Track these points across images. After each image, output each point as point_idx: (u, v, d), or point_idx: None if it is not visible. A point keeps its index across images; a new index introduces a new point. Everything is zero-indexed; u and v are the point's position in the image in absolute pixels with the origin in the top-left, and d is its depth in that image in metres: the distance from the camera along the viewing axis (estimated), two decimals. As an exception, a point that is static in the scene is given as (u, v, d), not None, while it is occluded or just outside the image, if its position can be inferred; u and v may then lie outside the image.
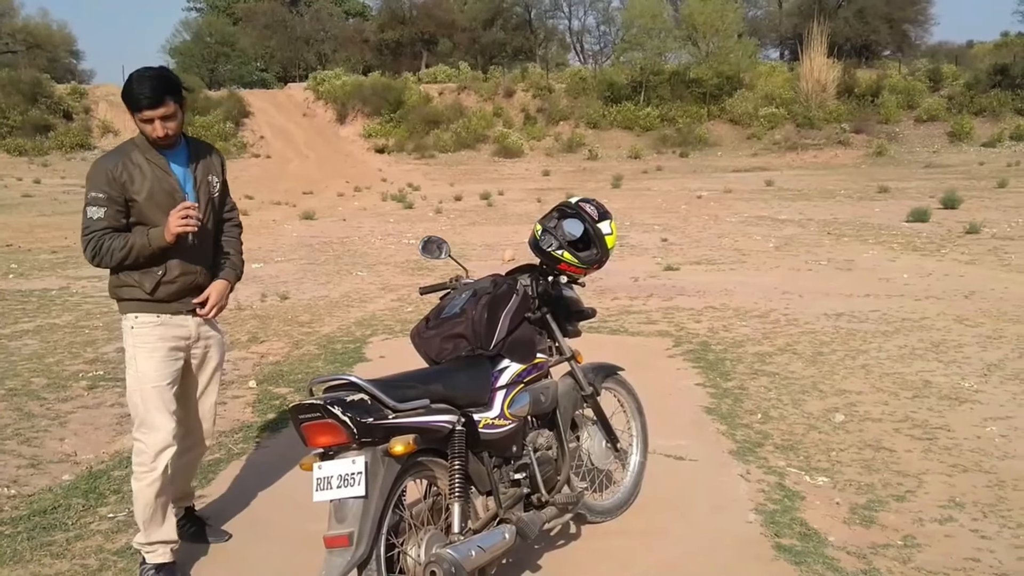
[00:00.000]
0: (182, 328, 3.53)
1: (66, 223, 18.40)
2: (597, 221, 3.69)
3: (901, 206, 17.70)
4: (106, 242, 3.34)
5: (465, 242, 14.22)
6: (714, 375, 6.40)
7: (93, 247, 3.35)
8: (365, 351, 7.32)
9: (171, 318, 3.49)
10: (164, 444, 3.42)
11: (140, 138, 3.44)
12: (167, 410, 3.45)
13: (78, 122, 40.87)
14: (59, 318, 8.77)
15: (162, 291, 3.45)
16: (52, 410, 5.73)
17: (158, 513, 3.45)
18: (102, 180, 3.35)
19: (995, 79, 41.09)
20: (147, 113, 3.30)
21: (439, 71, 50.17)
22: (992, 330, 7.56)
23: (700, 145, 39.99)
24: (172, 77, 3.40)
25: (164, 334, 3.47)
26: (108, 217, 3.35)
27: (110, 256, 3.35)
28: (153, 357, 3.44)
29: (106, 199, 3.34)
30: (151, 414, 3.43)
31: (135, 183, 3.36)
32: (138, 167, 3.38)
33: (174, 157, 3.47)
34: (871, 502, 4.17)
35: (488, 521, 3.19)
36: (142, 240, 3.35)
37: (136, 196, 3.36)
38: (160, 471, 3.41)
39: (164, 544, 3.48)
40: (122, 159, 3.38)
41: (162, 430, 3.42)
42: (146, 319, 3.46)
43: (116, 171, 3.35)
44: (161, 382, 3.44)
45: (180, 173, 3.48)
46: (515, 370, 3.41)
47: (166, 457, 3.42)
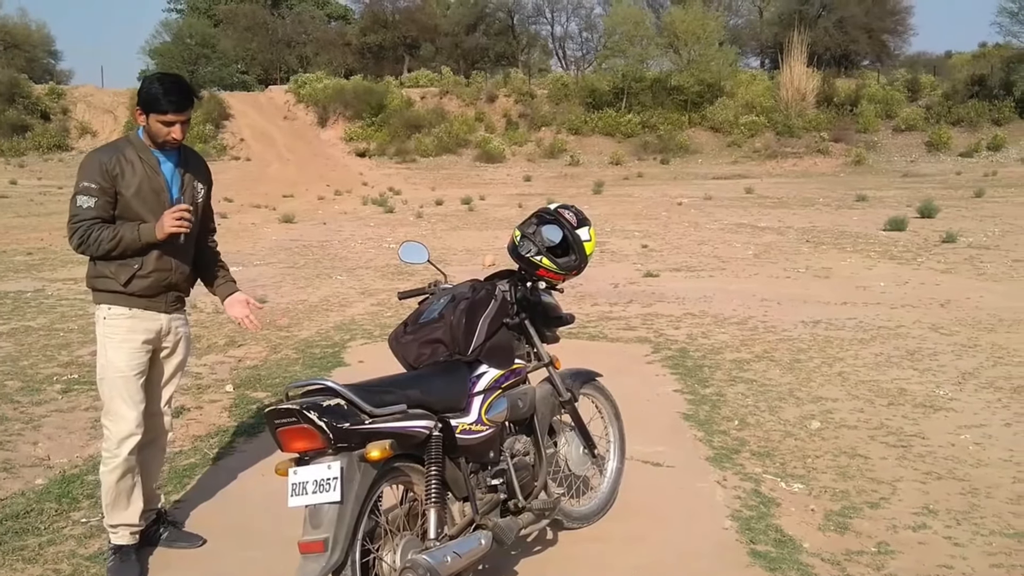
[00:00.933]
0: (153, 322, 3.61)
1: (42, 224, 18.25)
2: (576, 227, 3.70)
3: (879, 215, 17.85)
4: (95, 232, 3.42)
5: (446, 247, 14.22)
6: (692, 382, 6.43)
7: (81, 235, 3.42)
8: (344, 356, 7.30)
9: (143, 312, 3.57)
10: (128, 432, 3.53)
11: (135, 136, 3.56)
12: (132, 400, 3.55)
13: (56, 123, 40.58)
14: (34, 320, 8.69)
15: (135, 284, 3.52)
16: (25, 413, 5.67)
17: (121, 498, 3.58)
18: (95, 171, 3.44)
19: (973, 89, 41.60)
20: (171, 116, 3.43)
21: (421, 75, 50.20)
22: (967, 339, 7.63)
23: (681, 152, 40.24)
24: (191, 84, 3.62)
25: (135, 327, 3.56)
26: (98, 207, 3.43)
27: (97, 245, 3.43)
28: (122, 348, 3.54)
29: (98, 190, 3.43)
30: (116, 403, 3.54)
31: (126, 178, 3.46)
32: (131, 163, 3.48)
33: (165, 159, 3.58)
34: (846, 509, 4.20)
35: (464, 527, 3.18)
36: (132, 234, 3.44)
37: (125, 191, 3.46)
38: (123, 458, 3.53)
39: (126, 527, 3.60)
40: (116, 154, 3.49)
41: (126, 419, 3.53)
42: (118, 311, 3.55)
43: (110, 164, 3.45)
44: (128, 372, 3.54)
45: (168, 175, 3.58)
46: (493, 376, 3.41)
47: (129, 445, 3.53)
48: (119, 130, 40.61)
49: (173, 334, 3.71)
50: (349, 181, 31.76)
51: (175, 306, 3.70)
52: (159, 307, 3.62)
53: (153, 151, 3.54)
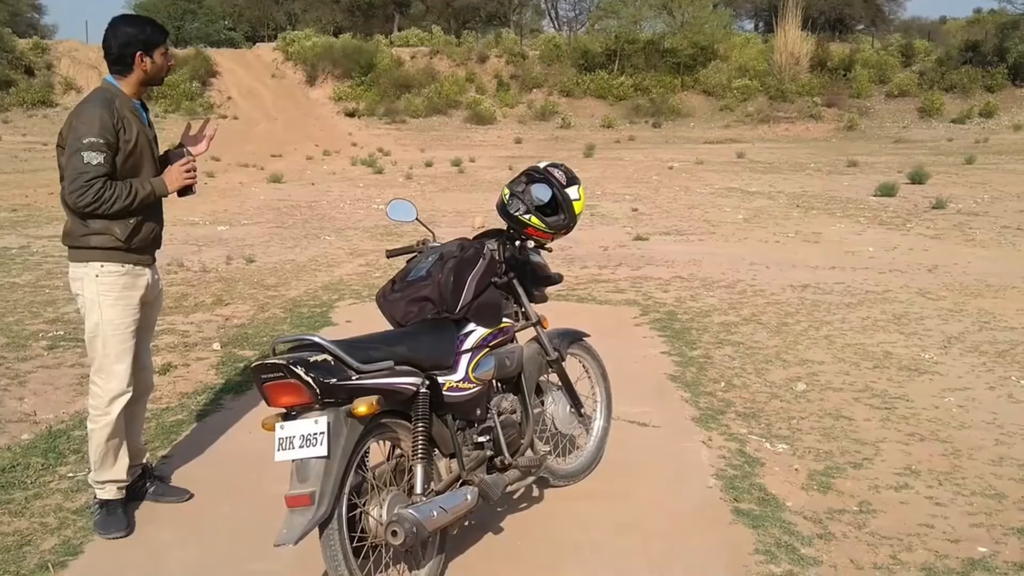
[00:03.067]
0: (143, 277, 3.58)
1: (27, 181, 18.08)
2: (565, 186, 3.68)
3: (869, 180, 17.86)
4: (108, 188, 3.31)
5: (435, 208, 14.16)
6: (680, 344, 6.45)
7: (96, 192, 3.28)
8: (332, 315, 7.29)
9: (134, 268, 3.52)
10: (119, 391, 3.51)
11: (115, 88, 3.47)
12: (127, 358, 3.53)
13: (40, 78, 40.02)
14: (19, 277, 8.64)
15: (135, 240, 3.47)
16: (11, 369, 5.66)
17: (109, 455, 3.57)
18: (100, 126, 3.31)
19: (966, 55, 41.45)
20: (167, 45, 3.51)
21: (411, 35, 49.66)
22: (953, 304, 7.67)
23: (673, 116, 40.04)
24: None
25: (128, 283, 3.51)
26: (107, 163, 3.32)
27: (112, 202, 3.32)
28: (118, 305, 3.49)
29: (105, 145, 3.30)
30: (109, 361, 3.50)
31: (127, 131, 3.39)
32: (126, 117, 3.40)
33: (141, 109, 3.55)
34: (829, 469, 4.23)
35: (451, 483, 3.20)
36: (146, 189, 3.41)
37: (125, 145, 3.38)
38: (113, 416, 3.51)
39: (113, 483, 3.60)
40: (112, 107, 3.37)
41: (118, 377, 3.51)
42: (112, 268, 3.47)
43: (113, 119, 3.34)
44: (124, 330, 3.51)
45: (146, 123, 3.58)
46: (480, 334, 3.41)
47: (120, 403, 3.52)
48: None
49: (154, 285, 3.70)
50: (338, 141, 31.52)
51: (154, 258, 3.69)
52: (147, 261, 3.60)
53: (133, 101, 3.49)
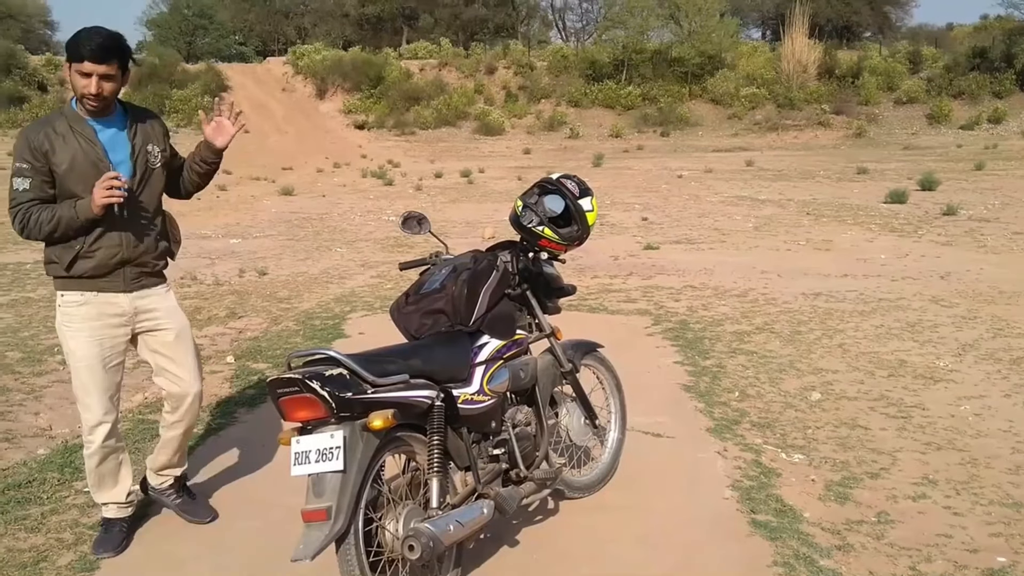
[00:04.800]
0: (111, 306, 3.40)
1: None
2: (578, 198, 3.68)
3: (879, 187, 17.81)
4: (33, 214, 3.21)
5: (445, 219, 14.18)
6: (692, 353, 6.43)
7: (21, 219, 3.23)
8: (344, 327, 7.30)
9: (96, 296, 3.37)
10: (96, 421, 3.41)
11: (68, 108, 3.33)
12: (97, 389, 3.39)
13: (53, 94, 40.32)
14: (34, 292, 8.68)
15: (79, 267, 3.31)
16: (27, 384, 5.68)
17: (106, 479, 3.54)
18: (24, 150, 3.22)
19: (974, 62, 41.38)
20: (88, 66, 3.15)
21: (420, 47, 49.86)
22: (967, 311, 7.63)
23: (681, 125, 40.05)
24: (125, 43, 3.29)
25: (89, 313, 3.37)
26: (34, 188, 3.22)
27: (38, 229, 3.23)
28: (79, 337, 3.37)
29: (31, 169, 3.21)
30: (80, 392, 3.42)
31: (56, 153, 3.22)
32: (61, 136, 3.23)
33: (106, 125, 3.32)
34: (846, 479, 4.21)
35: (466, 496, 3.19)
36: (70, 212, 3.21)
37: (57, 167, 3.22)
38: (98, 444, 3.44)
39: (112, 504, 3.58)
40: (44, 128, 3.25)
41: (92, 409, 3.41)
42: (70, 298, 3.37)
43: (37, 140, 3.22)
44: (90, 361, 3.37)
45: (108, 142, 3.31)
46: (495, 346, 3.41)
47: (101, 432, 3.42)
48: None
49: (149, 314, 3.47)
50: (348, 153, 31.63)
51: (139, 283, 3.44)
52: (116, 287, 3.39)
53: (88, 120, 3.28)
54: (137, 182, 3.36)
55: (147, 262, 3.45)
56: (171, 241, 3.61)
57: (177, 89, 40.16)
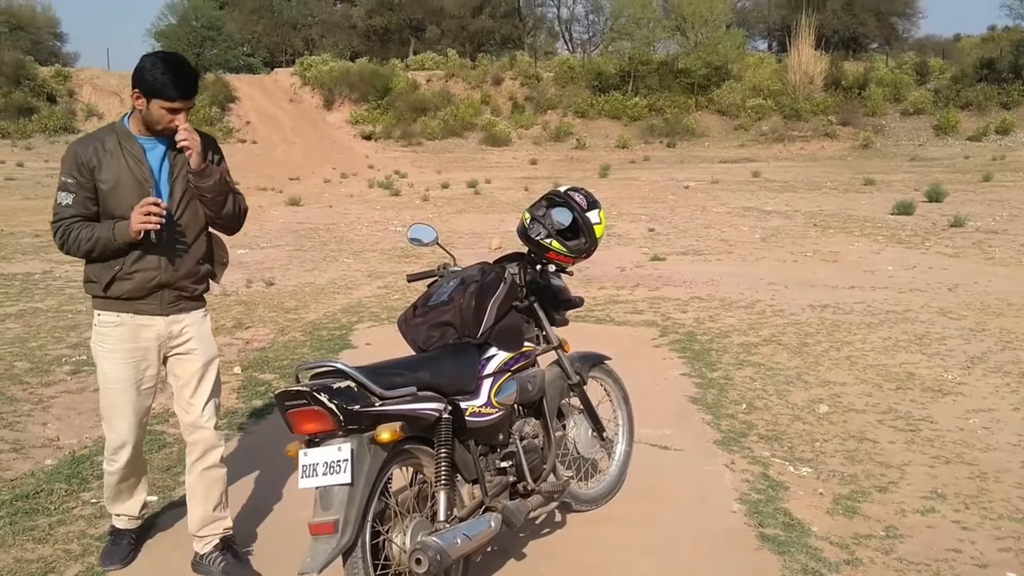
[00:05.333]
0: (146, 329, 3.31)
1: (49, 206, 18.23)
2: (586, 210, 3.69)
3: (886, 199, 17.79)
4: (73, 231, 3.18)
5: (452, 230, 14.20)
6: (700, 365, 6.42)
7: (61, 235, 3.21)
8: (351, 338, 7.30)
9: (132, 318, 3.29)
10: (120, 443, 3.38)
11: (120, 124, 3.27)
12: (125, 412, 3.33)
13: (62, 105, 40.52)
14: (42, 302, 8.71)
15: (116, 288, 3.24)
16: (35, 394, 5.69)
17: (122, 494, 3.53)
18: (72, 164, 3.20)
19: (981, 73, 41.30)
20: (178, 104, 3.13)
21: (427, 58, 50.00)
22: (975, 323, 7.61)
23: (687, 135, 40.05)
24: (195, 68, 3.28)
25: (123, 335, 3.29)
26: (77, 204, 3.19)
27: (77, 246, 3.19)
28: (111, 358, 3.31)
29: (75, 185, 3.19)
30: (107, 412, 3.38)
31: (103, 170, 3.18)
32: (109, 153, 3.19)
33: (154, 146, 3.25)
34: (854, 493, 4.20)
35: (474, 509, 3.19)
36: (107, 234, 3.16)
37: (102, 184, 3.18)
38: (120, 465, 3.41)
39: (124, 515, 3.57)
40: (93, 143, 3.22)
41: (117, 431, 3.36)
42: (106, 318, 3.30)
43: (85, 156, 3.18)
44: (120, 384, 3.31)
45: (156, 163, 3.24)
46: (502, 358, 3.41)
47: (124, 455, 3.39)
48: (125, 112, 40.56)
49: (181, 337, 3.38)
50: (355, 164, 31.69)
51: (176, 306, 3.35)
52: (152, 310, 3.30)
53: (139, 138, 3.22)
54: (178, 203, 3.28)
55: (186, 286, 3.37)
56: (215, 263, 3.53)
57: (186, 100, 40.26)
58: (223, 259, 3.60)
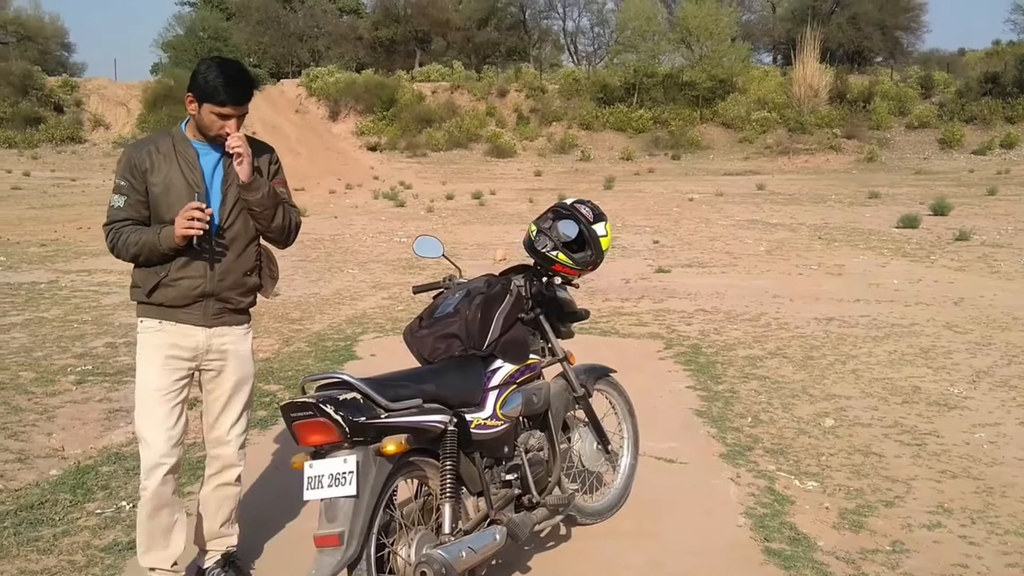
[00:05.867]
0: (186, 338, 3.19)
1: (56, 216, 18.33)
2: (592, 223, 3.69)
3: (891, 212, 17.79)
4: (123, 235, 3.11)
5: (457, 241, 14.21)
6: (705, 378, 6.41)
7: (112, 238, 3.14)
8: (356, 349, 7.30)
9: (173, 326, 3.18)
10: (154, 461, 3.15)
11: (177, 129, 3.21)
12: (160, 425, 3.16)
13: (69, 115, 40.73)
14: (48, 312, 8.72)
15: (159, 294, 3.15)
16: (40, 404, 5.69)
17: (156, 537, 3.22)
18: (125, 167, 3.14)
19: (986, 87, 41.36)
20: (230, 109, 3.06)
21: (432, 70, 50.19)
22: (981, 337, 7.59)
23: (692, 148, 40.14)
24: (252, 76, 3.20)
25: (162, 341, 3.18)
26: (128, 207, 3.13)
27: (125, 250, 3.12)
28: (150, 365, 3.18)
29: (128, 187, 3.13)
30: (142, 425, 3.19)
31: (155, 173, 3.12)
32: (163, 156, 3.13)
33: (211, 150, 3.17)
34: (860, 507, 4.18)
35: (479, 522, 3.18)
36: (153, 239, 3.08)
37: (153, 187, 3.11)
38: (152, 489, 3.15)
39: (158, 569, 3.26)
40: (148, 147, 3.17)
41: (152, 446, 3.15)
42: (148, 324, 3.20)
43: (139, 158, 3.13)
44: (156, 392, 3.16)
45: (209, 168, 3.17)
46: (508, 371, 3.40)
47: (158, 474, 3.15)
48: (132, 123, 40.82)
49: (217, 352, 3.25)
50: (360, 175, 31.78)
51: (220, 318, 3.23)
52: (195, 319, 3.19)
53: (193, 142, 3.16)
54: (229, 212, 3.19)
55: (231, 298, 3.25)
56: (263, 276, 3.41)
57: (191, 110, 40.41)
58: (273, 273, 3.47)
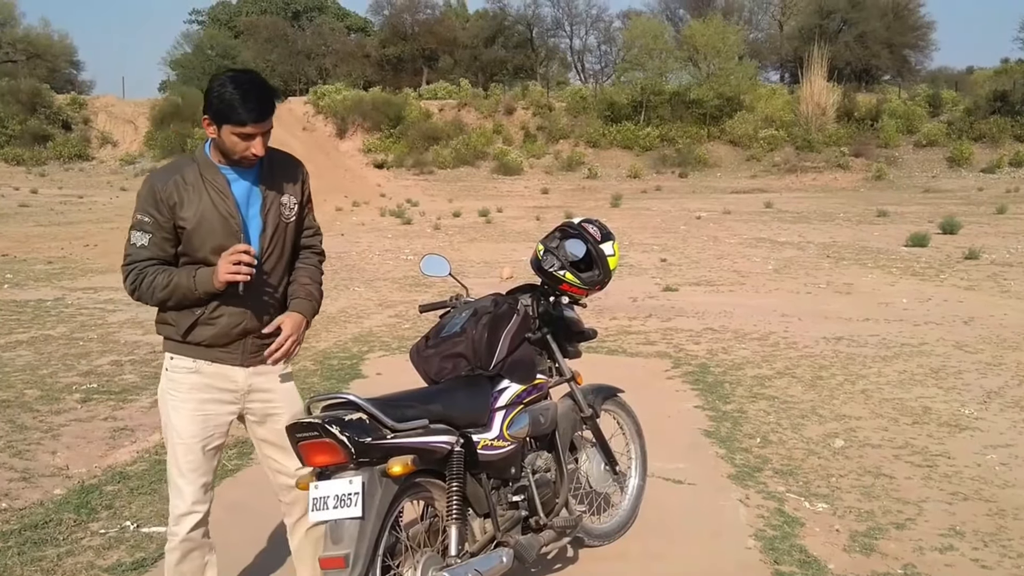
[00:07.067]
0: (224, 380, 2.95)
1: (62, 233, 18.39)
2: (600, 242, 3.67)
3: (900, 230, 17.74)
4: (148, 276, 2.82)
5: (463, 259, 14.21)
6: (713, 398, 6.37)
7: (133, 280, 2.83)
8: (362, 368, 7.28)
9: (209, 366, 2.93)
10: (185, 510, 2.94)
11: (201, 153, 2.91)
12: (191, 472, 2.93)
13: (77, 132, 40.98)
14: (54, 329, 8.72)
15: (198, 333, 2.89)
16: (45, 423, 5.68)
17: None
18: (149, 201, 2.82)
19: (995, 105, 41.37)
20: (251, 128, 2.75)
21: (439, 87, 50.42)
22: (992, 357, 7.53)
23: (699, 166, 40.18)
24: (272, 86, 2.92)
25: (197, 383, 2.93)
26: (153, 245, 2.83)
27: (151, 294, 2.83)
28: (182, 409, 2.93)
29: (152, 224, 2.81)
30: (172, 472, 2.97)
31: (185, 206, 2.81)
32: (191, 187, 2.83)
33: (241, 175, 2.89)
34: (871, 529, 4.13)
35: (485, 544, 3.15)
36: (187, 282, 2.80)
37: (184, 222, 2.81)
38: (181, 536, 2.94)
39: None
40: (173, 177, 2.84)
41: (183, 494, 2.94)
42: (180, 363, 2.93)
43: (166, 191, 2.81)
44: (188, 439, 2.92)
45: (242, 195, 2.89)
46: (515, 391, 3.37)
47: (188, 523, 2.94)
48: (139, 140, 41.06)
49: (261, 392, 3.01)
50: (367, 192, 31.87)
51: (258, 357, 2.97)
52: (233, 359, 2.94)
53: (221, 168, 2.87)
54: (269, 240, 2.94)
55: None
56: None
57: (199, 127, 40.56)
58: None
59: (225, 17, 67.09)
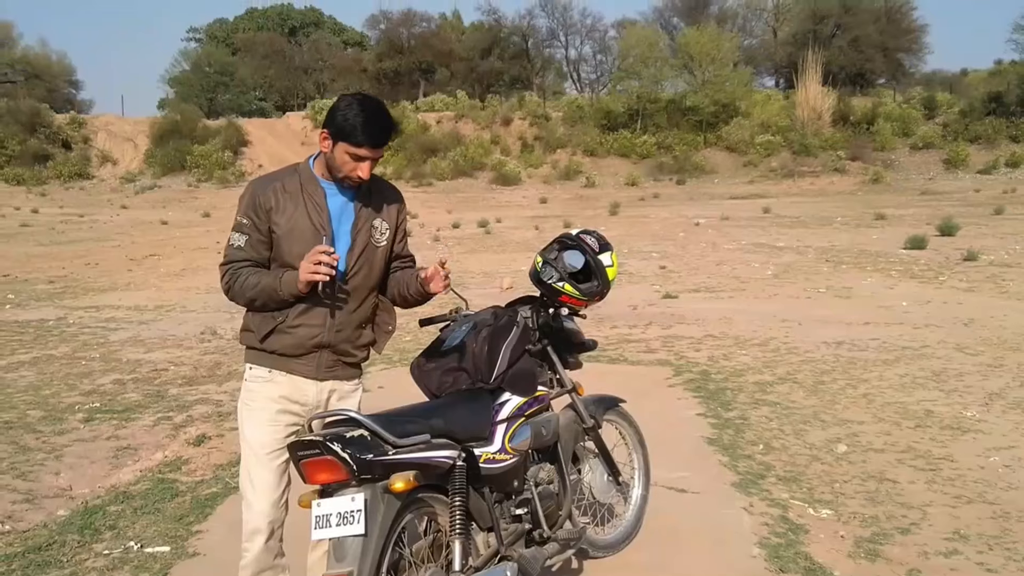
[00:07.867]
0: (298, 392, 3.00)
1: (64, 252, 18.38)
2: (598, 253, 3.67)
3: (898, 233, 17.75)
4: (241, 276, 2.91)
5: (463, 270, 14.21)
6: (715, 405, 6.36)
7: (228, 279, 2.94)
8: (363, 381, 7.25)
9: (285, 376, 2.99)
10: (255, 526, 2.99)
11: (304, 166, 3.01)
12: (266, 487, 2.97)
13: (77, 152, 41.05)
14: (56, 349, 8.73)
15: (274, 341, 2.95)
16: (48, 443, 5.67)
17: None
18: (249, 204, 2.93)
19: (989, 107, 41.50)
20: (365, 151, 2.84)
21: (437, 100, 50.55)
22: (993, 358, 7.54)
23: (697, 172, 40.25)
24: (394, 117, 3.00)
25: (271, 393, 2.99)
26: (249, 247, 2.93)
27: (241, 293, 2.92)
28: (255, 419, 3.00)
29: (250, 226, 2.92)
30: (247, 487, 3.02)
31: (279, 212, 2.91)
32: (289, 195, 2.92)
33: (338, 192, 2.97)
34: (876, 535, 4.12)
35: (489, 558, 3.14)
36: (273, 283, 2.88)
37: (276, 227, 2.91)
38: (254, 554, 2.98)
39: None
40: (274, 184, 2.95)
41: (255, 508, 2.99)
42: (257, 372, 3.01)
43: (264, 196, 2.92)
44: (263, 451, 2.97)
45: (336, 210, 2.96)
46: (516, 403, 3.37)
47: (260, 540, 2.99)
48: (139, 158, 41.12)
49: (329, 408, 3.05)
50: (366, 206, 31.86)
51: (332, 372, 3.04)
52: (308, 372, 3.00)
53: (322, 181, 2.95)
54: (356, 258, 2.99)
55: (347, 351, 3.06)
56: (379, 332, 3.22)
57: (198, 144, 40.79)
58: (388, 327, 3.26)
59: (222, 34, 67.32)
